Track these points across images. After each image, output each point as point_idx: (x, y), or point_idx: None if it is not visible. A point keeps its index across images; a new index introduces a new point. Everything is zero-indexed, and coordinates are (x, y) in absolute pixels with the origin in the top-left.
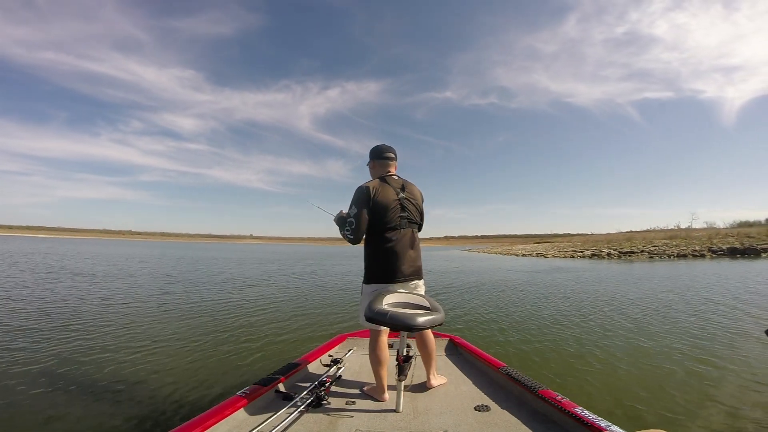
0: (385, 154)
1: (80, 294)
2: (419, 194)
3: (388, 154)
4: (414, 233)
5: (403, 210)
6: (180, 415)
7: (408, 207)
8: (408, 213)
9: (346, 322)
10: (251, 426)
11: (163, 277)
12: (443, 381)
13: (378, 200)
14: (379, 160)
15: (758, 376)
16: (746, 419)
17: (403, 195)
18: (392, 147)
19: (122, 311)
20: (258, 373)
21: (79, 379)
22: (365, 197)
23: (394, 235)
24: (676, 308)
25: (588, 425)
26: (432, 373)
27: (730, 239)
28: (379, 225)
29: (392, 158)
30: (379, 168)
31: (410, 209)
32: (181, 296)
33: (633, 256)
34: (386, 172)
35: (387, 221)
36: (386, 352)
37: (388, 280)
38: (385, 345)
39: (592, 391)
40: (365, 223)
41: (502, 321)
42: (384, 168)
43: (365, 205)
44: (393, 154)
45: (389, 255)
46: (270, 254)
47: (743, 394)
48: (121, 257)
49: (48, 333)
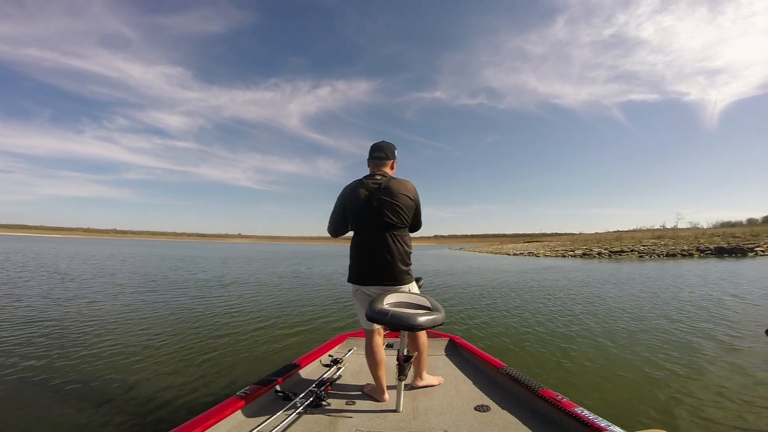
0: (372, 154)
1: (62, 294)
2: (406, 195)
3: (375, 153)
4: (389, 236)
5: (377, 212)
6: (179, 415)
7: (384, 208)
8: (384, 215)
9: (332, 317)
10: (251, 426)
11: (145, 276)
12: (434, 382)
13: (348, 201)
14: (369, 159)
15: (759, 375)
16: (747, 419)
17: (379, 196)
18: (385, 144)
19: (114, 312)
20: (257, 374)
21: (76, 382)
22: (340, 196)
23: (364, 238)
24: (676, 307)
25: (588, 425)
26: (419, 374)
27: (716, 239)
28: (351, 226)
29: (380, 157)
30: (369, 167)
31: (387, 211)
32: (170, 296)
33: (623, 256)
34: (370, 172)
35: (356, 222)
36: (382, 352)
37: (358, 281)
38: (380, 345)
39: (593, 391)
40: (337, 221)
41: (501, 321)
42: (372, 167)
43: (339, 203)
44: (383, 153)
45: (357, 256)
46: (258, 253)
47: (744, 394)
48: (104, 256)
49: (28, 334)
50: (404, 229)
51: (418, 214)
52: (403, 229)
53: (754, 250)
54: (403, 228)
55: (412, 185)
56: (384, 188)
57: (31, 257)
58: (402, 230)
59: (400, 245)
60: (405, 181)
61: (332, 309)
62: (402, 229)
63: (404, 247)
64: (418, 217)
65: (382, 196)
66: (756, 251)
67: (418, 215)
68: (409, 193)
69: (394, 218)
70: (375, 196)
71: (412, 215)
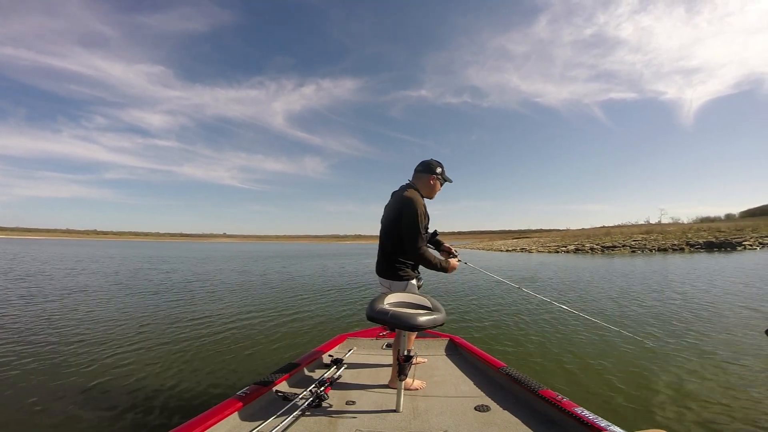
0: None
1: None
2: (398, 204)
3: (416, 167)
4: (386, 239)
5: (384, 217)
6: (179, 416)
7: (385, 214)
8: (385, 220)
9: (332, 317)
10: (251, 426)
11: (143, 277)
12: (416, 385)
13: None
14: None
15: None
16: (747, 419)
17: (389, 203)
18: (427, 161)
19: (110, 314)
20: (257, 374)
21: (74, 383)
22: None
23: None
24: (678, 306)
25: (588, 425)
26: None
27: (702, 234)
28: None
29: (416, 170)
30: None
31: (384, 217)
32: (163, 298)
33: (615, 251)
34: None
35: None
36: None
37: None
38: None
39: (592, 391)
40: None
41: (501, 321)
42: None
43: None
44: (419, 166)
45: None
46: (246, 252)
47: (744, 394)
48: (86, 257)
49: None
50: (397, 237)
51: (400, 226)
52: (393, 236)
53: (742, 244)
54: (393, 235)
55: (408, 198)
56: (392, 197)
57: (6, 260)
58: (397, 238)
59: (392, 248)
60: (408, 192)
61: (333, 309)
62: (392, 236)
63: (393, 249)
64: (402, 226)
65: (389, 204)
66: (744, 245)
67: (401, 224)
68: (399, 205)
69: (387, 224)
70: (388, 203)
71: (398, 224)
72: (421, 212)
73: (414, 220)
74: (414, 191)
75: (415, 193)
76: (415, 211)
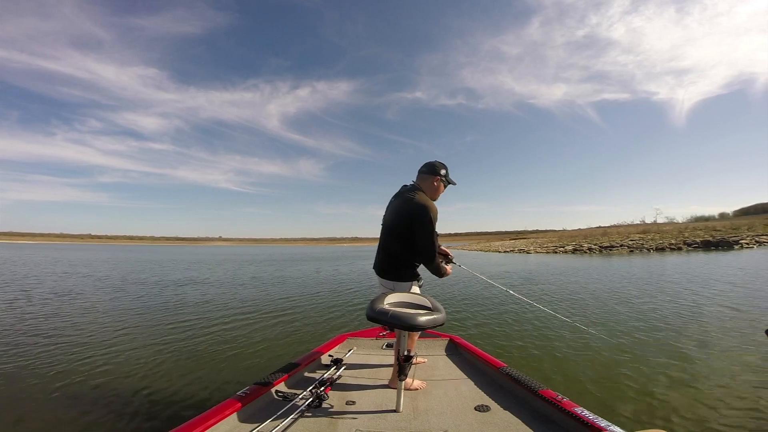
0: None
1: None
2: (404, 205)
3: (420, 168)
4: (391, 240)
5: (389, 217)
6: (179, 416)
7: (388, 213)
8: (390, 220)
9: (331, 316)
10: (251, 426)
11: (138, 280)
12: (416, 385)
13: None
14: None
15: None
16: (748, 419)
17: (392, 202)
18: (430, 162)
19: (109, 315)
20: (257, 374)
21: (74, 385)
22: None
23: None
24: (680, 305)
25: (588, 425)
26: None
27: (699, 233)
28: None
29: (420, 170)
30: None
31: (387, 216)
32: (162, 299)
33: (613, 251)
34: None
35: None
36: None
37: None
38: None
39: (593, 391)
40: None
41: (501, 321)
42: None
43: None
44: (423, 167)
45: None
46: (242, 256)
47: (745, 394)
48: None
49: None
50: (397, 236)
51: (412, 234)
52: (394, 234)
53: (739, 243)
54: (394, 234)
55: (422, 206)
56: (397, 197)
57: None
58: (397, 237)
59: (391, 248)
60: (420, 198)
61: (332, 309)
62: (394, 234)
63: (393, 249)
64: (405, 226)
65: (393, 203)
66: (741, 244)
67: (413, 235)
68: (405, 207)
69: (389, 222)
70: (391, 202)
71: (401, 224)
72: (435, 220)
73: (431, 233)
74: (425, 196)
75: (428, 199)
76: (431, 221)
